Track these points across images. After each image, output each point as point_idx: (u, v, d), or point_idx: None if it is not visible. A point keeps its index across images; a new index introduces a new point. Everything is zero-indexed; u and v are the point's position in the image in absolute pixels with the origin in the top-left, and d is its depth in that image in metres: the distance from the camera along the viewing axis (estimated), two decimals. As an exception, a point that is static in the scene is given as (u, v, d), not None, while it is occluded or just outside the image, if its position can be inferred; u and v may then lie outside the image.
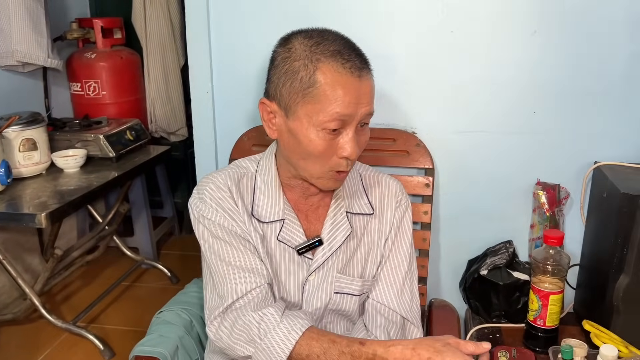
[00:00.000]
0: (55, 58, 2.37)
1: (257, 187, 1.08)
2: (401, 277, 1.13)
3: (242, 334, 0.96)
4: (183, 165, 3.00)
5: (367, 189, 1.15)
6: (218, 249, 1.02)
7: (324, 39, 0.95)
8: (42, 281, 2.17)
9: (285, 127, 0.98)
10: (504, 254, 1.41)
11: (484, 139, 1.43)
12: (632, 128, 1.37)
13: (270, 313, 0.96)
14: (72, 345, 2.12)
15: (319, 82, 0.92)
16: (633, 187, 1.18)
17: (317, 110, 0.93)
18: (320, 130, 0.94)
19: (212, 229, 1.03)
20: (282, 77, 0.96)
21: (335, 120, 0.93)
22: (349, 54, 0.94)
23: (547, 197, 1.39)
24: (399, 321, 1.11)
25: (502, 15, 1.34)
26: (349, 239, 1.10)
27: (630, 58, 1.32)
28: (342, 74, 0.92)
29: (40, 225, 1.68)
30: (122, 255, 2.69)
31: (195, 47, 1.49)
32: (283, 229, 1.07)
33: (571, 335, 1.26)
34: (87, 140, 2.19)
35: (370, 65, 0.98)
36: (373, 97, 0.98)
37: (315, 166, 0.98)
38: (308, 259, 1.08)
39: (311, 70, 0.92)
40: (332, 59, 0.92)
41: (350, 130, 0.95)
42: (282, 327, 0.94)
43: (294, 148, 0.99)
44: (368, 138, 1.02)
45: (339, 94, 0.92)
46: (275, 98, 0.98)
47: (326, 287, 1.09)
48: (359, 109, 0.94)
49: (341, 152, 0.96)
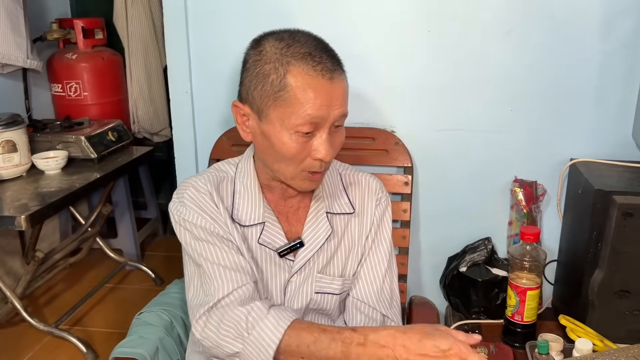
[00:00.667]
0: (34, 59, 2.35)
1: (237, 191, 1.08)
2: (381, 275, 1.13)
3: (230, 330, 0.94)
4: (167, 166, 2.98)
5: (347, 187, 1.16)
6: (201, 250, 1.02)
7: (294, 40, 0.94)
8: (24, 284, 2.15)
9: (259, 130, 0.98)
10: (483, 251, 1.43)
11: (462, 137, 1.44)
12: (607, 125, 1.39)
13: (257, 306, 0.95)
14: (54, 348, 2.11)
15: (289, 85, 0.91)
16: (607, 183, 1.20)
17: (289, 114, 0.92)
18: (293, 133, 0.93)
19: (194, 232, 1.03)
20: (254, 80, 0.95)
21: (307, 123, 0.92)
22: (320, 56, 0.93)
23: (525, 194, 1.41)
24: (379, 318, 1.11)
25: (478, 14, 1.35)
26: (329, 239, 1.10)
27: (603, 56, 1.34)
28: (312, 76, 0.91)
29: (20, 227, 1.67)
30: (105, 257, 2.67)
31: (174, 48, 1.49)
32: (264, 232, 1.07)
33: (549, 330, 1.28)
34: (69, 141, 2.17)
35: (344, 66, 0.97)
36: (346, 98, 0.97)
37: (289, 168, 0.98)
38: (290, 261, 1.09)
39: (282, 74, 0.92)
40: (302, 62, 0.91)
41: (323, 133, 0.95)
42: (270, 318, 0.93)
43: (267, 150, 0.99)
44: (343, 139, 1.02)
45: (310, 96, 0.91)
46: (247, 101, 0.98)
47: (307, 288, 1.10)
48: (332, 111, 0.93)
49: (315, 154, 0.96)
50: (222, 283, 0.98)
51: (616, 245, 1.16)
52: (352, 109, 1.41)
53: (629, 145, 1.38)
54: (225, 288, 0.98)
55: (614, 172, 1.29)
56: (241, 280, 0.99)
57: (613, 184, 1.19)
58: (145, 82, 2.70)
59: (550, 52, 1.36)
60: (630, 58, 1.33)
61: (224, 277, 0.99)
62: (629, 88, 1.35)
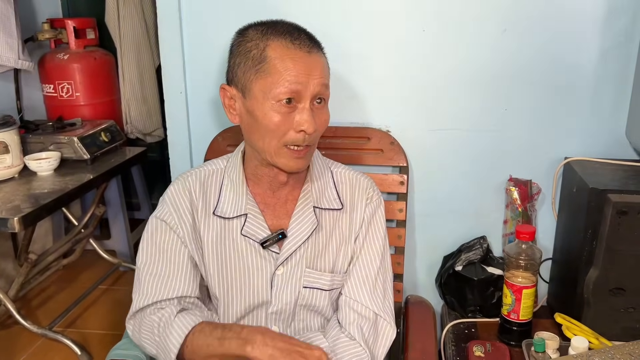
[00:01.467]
0: (26, 59, 2.33)
1: (224, 184, 1.12)
2: (373, 274, 1.13)
3: (147, 334, 1.05)
4: (160, 167, 2.97)
5: (337, 184, 1.16)
6: (149, 252, 1.09)
7: (276, 24, 1.01)
8: (17, 286, 2.13)
9: (244, 109, 1.02)
10: (478, 250, 1.44)
11: (457, 136, 1.44)
12: (601, 124, 1.40)
13: (167, 312, 1.03)
14: (48, 350, 2.09)
15: (269, 57, 0.96)
16: (601, 181, 1.21)
17: (269, 84, 0.96)
18: (275, 102, 0.96)
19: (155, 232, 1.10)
20: (237, 58, 1.01)
21: (287, 91, 0.96)
22: (299, 34, 0.99)
23: (519, 192, 1.41)
24: (372, 317, 1.11)
25: (473, 13, 1.36)
26: (315, 232, 1.11)
27: (598, 55, 1.35)
28: (290, 49, 0.96)
29: (13, 229, 1.65)
30: (99, 258, 2.65)
31: (167, 48, 1.48)
32: (246, 223, 1.09)
33: (545, 328, 1.28)
34: (61, 142, 2.16)
35: (323, 49, 1.02)
36: (326, 72, 1.01)
37: (273, 142, 1.00)
38: (275, 253, 1.10)
39: (261, 48, 0.97)
40: (281, 37, 0.97)
41: (305, 104, 0.98)
42: (174, 323, 1.00)
43: (253, 128, 1.01)
44: (328, 118, 1.04)
45: (288, 65, 0.95)
46: (233, 82, 1.03)
47: (295, 282, 1.10)
48: (311, 79, 0.97)
49: (298, 126, 0.98)
50: (150, 291, 1.06)
51: (611, 244, 1.17)
52: (347, 108, 1.43)
53: (623, 143, 1.39)
54: (152, 297, 1.06)
55: (608, 170, 1.30)
56: (170, 291, 1.06)
57: (607, 183, 1.20)
58: (137, 83, 2.69)
59: (544, 52, 1.36)
60: (624, 57, 1.34)
61: (154, 286, 1.07)
62: (623, 87, 1.36)
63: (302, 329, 1.14)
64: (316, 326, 1.15)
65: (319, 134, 1.03)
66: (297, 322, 1.13)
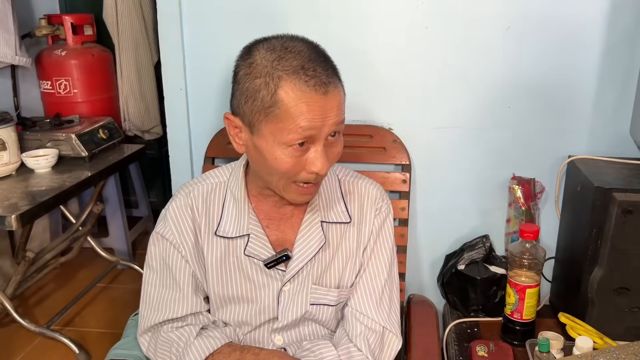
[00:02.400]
0: (23, 55, 2.31)
1: (227, 200, 1.08)
2: (380, 286, 1.10)
3: (165, 352, 1.05)
4: (158, 164, 2.96)
5: (345, 195, 1.12)
6: (155, 268, 1.09)
7: (287, 51, 0.89)
8: (14, 285, 2.12)
9: (251, 143, 0.95)
10: (481, 249, 1.43)
11: (459, 135, 1.43)
12: (605, 122, 1.39)
13: (186, 332, 1.04)
14: (46, 349, 2.08)
15: (281, 101, 0.87)
16: (606, 180, 1.20)
17: (281, 129, 0.88)
18: (286, 148, 0.90)
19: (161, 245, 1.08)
20: (244, 94, 0.91)
21: (300, 137, 0.89)
22: (314, 69, 0.87)
23: (523, 191, 1.40)
24: (379, 329, 1.09)
25: (477, 11, 1.35)
26: (323, 249, 1.08)
27: (602, 54, 1.34)
28: (305, 92, 0.86)
29: (10, 227, 1.64)
30: (97, 256, 2.63)
31: (167, 44, 1.47)
32: (249, 243, 1.06)
33: (548, 327, 1.28)
34: (59, 139, 2.14)
35: (339, 75, 0.93)
36: (342, 107, 0.93)
37: (282, 181, 0.96)
38: (281, 271, 1.07)
39: (272, 89, 0.87)
40: (294, 76, 0.86)
41: (318, 145, 0.91)
42: (195, 345, 1.02)
43: (260, 163, 0.96)
44: (341, 149, 0.98)
45: (302, 109, 0.87)
46: (238, 114, 0.95)
47: (302, 299, 1.08)
48: (326, 122, 0.89)
49: (310, 168, 0.93)
50: (161, 308, 1.07)
51: (616, 243, 1.16)
52: (349, 106, 1.40)
53: (627, 142, 1.38)
54: (164, 314, 1.06)
55: (612, 169, 1.29)
56: (183, 309, 1.06)
57: (612, 181, 1.19)
58: (136, 79, 2.67)
59: (548, 50, 1.35)
60: (628, 55, 1.33)
61: (164, 303, 1.07)
62: (627, 85, 1.35)
63: (306, 335, 1.12)
64: (321, 333, 1.13)
65: (330, 167, 0.98)
66: (302, 329, 1.12)
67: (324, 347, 1.05)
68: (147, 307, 1.08)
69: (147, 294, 1.09)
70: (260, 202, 1.08)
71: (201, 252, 1.08)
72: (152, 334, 1.08)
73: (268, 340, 1.11)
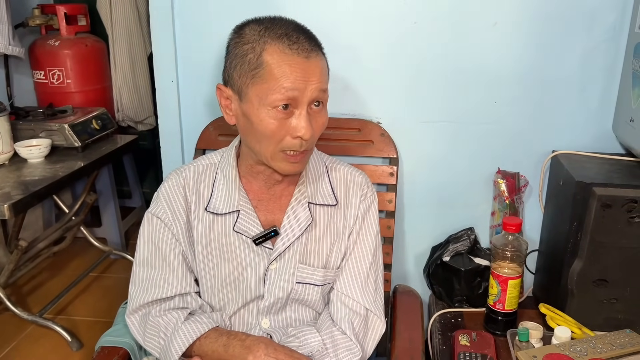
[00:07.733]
0: (16, 45, 2.31)
1: (217, 180, 1.12)
2: (365, 269, 1.14)
3: (152, 337, 1.08)
4: (151, 155, 2.97)
5: (332, 181, 1.16)
6: (146, 249, 1.11)
7: (273, 24, 0.96)
8: (7, 273, 2.13)
9: (240, 111, 1.00)
10: (466, 241, 1.45)
11: (446, 129, 1.46)
12: (588, 118, 1.41)
13: (174, 317, 1.06)
14: (39, 337, 2.10)
15: (265, 62, 0.93)
16: (587, 175, 1.22)
17: (266, 90, 0.94)
18: (271, 109, 0.95)
19: (152, 225, 1.11)
20: (233, 61, 0.98)
21: (284, 97, 0.93)
22: (297, 36, 0.95)
23: (507, 185, 1.43)
24: (363, 312, 1.12)
25: (464, 6, 1.36)
26: (309, 229, 1.11)
27: (586, 50, 1.36)
28: (287, 54, 0.93)
29: (3, 216, 1.65)
30: (89, 245, 2.65)
31: (159, 35, 1.48)
32: (239, 219, 1.09)
33: (530, 318, 1.31)
34: (52, 129, 2.15)
35: (322, 49, 0.99)
36: (325, 76, 0.98)
37: (269, 147, 0.99)
38: (268, 249, 1.10)
39: (258, 52, 0.94)
40: (278, 41, 0.94)
41: (302, 109, 0.96)
42: (182, 329, 1.04)
43: (249, 131, 1.00)
44: (325, 120, 1.02)
45: (285, 70, 0.93)
46: (229, 83, 1.01)
47: (288, 277, 1.11)
48: (308, 85, 0.94)
49: (294, 132, 0.96)
50: (150, 288, 1.09)
51: (595, 236, 1.19)
52: (338, 99, 1.43)
53: (609, 138, 1.41)
54: (152, 294, 1.08)
55: (594, 164, 1.31)
56: (170, 291, 1.09)
57: (593, 176, 1.22)
58: (129, 70, 2.68)
59: (534, 45, 1.37)
60: (612, 52, 1.36)
61: (153, 283, 1.09)
62: (610, 82, 1.37)
63: (293, 320, 1.15)
64: (307, 319, 1.16)
65: (316, 137, 1.01)
66: (288, 314, 1.14)
67: (309, 333, 1.08)
68: (136, 287, 1.11)
69: (136, 274, 1.12)
70: (250, 183, 1.11)
71: (191, 232, 1.11)
72: (141, 316, 1.10)
73: (255, 324, 1.13)
